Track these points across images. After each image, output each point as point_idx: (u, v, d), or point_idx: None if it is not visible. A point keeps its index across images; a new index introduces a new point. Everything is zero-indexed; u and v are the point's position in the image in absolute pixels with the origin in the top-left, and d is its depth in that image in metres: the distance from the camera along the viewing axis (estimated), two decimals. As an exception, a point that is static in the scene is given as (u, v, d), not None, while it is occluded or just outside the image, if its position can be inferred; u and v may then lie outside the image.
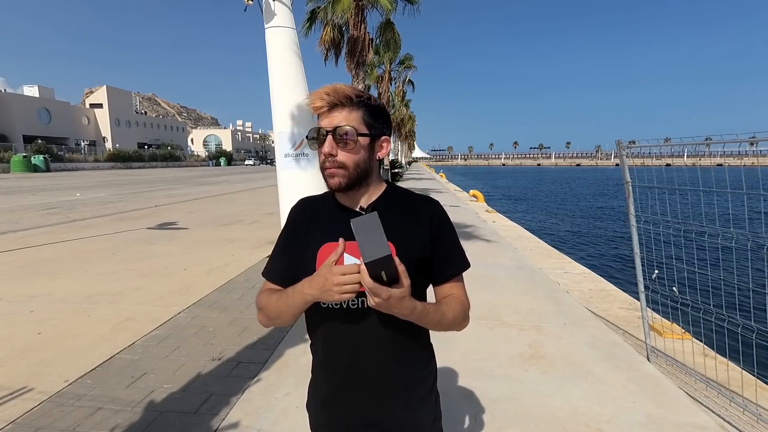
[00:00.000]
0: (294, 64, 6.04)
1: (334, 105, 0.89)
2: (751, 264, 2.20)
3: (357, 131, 0.89)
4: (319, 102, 0.88)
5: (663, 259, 2.75)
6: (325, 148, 0.89)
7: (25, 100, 49.82)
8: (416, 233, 0.95)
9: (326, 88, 0.88)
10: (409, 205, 0.98)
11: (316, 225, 0.97)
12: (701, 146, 2.61)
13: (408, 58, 23.84)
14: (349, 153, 0.90)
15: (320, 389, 1.00)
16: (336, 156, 0.89)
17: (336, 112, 0.89)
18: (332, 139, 0.88)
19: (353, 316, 0.92)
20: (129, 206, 11.82)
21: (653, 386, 2.58)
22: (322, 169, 0.93)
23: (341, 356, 0.94)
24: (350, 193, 0.94)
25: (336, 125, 0.88)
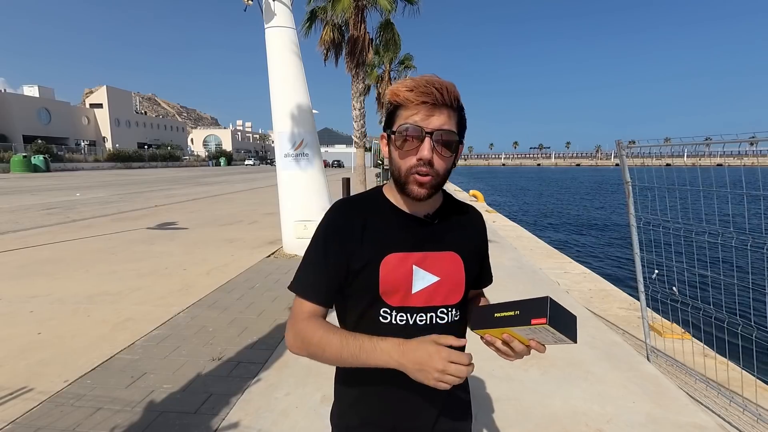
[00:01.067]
0: (294, 64, 6.04)
1: (441, 104, 0.77)
2: (751, 264, 2.20)
3: (458, 137, 0.80)
4: (424, 96, 0.76)
5: (663, 259, 2.75)
6: (425, 153, 0.76)
7: (25, 100, 49.79)
8: (477, 241, 0.94)
9: (433, 81, 0.76)
10: (465, 214, 0.95)
11: (373, 232, 0.84)
12: (701, 146, 2.61)
13: (408, 58, 23.82)
14: (445, 160, 0.80)
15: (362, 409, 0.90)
16: (433, 162, 0.78)
17: (439, 112, 0.77)
18: (431, 142, 0.77)
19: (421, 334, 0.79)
20: (129, 206, 11.82)
21: (653, 386, 2.58)
22: (406, 173, 0.80)
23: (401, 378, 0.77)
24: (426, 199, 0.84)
25: (439, 127, 0.77)
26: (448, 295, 0.85)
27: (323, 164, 6.71)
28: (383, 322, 0.84)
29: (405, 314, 0.84)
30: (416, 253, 0.83)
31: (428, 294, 0.84)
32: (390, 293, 0.83)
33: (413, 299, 0.83)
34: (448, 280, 0.85)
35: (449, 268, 0.86)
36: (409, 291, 0.83)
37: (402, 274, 0.82)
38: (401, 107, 0.80)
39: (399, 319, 0.84)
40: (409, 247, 0.83)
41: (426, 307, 0.84)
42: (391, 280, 0.82)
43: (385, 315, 0.84)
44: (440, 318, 0.86)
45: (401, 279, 0.82)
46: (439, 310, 0.85)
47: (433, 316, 0.85)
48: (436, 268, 0.84)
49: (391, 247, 0.83)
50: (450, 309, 0.86)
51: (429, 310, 0.84)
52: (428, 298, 0.84)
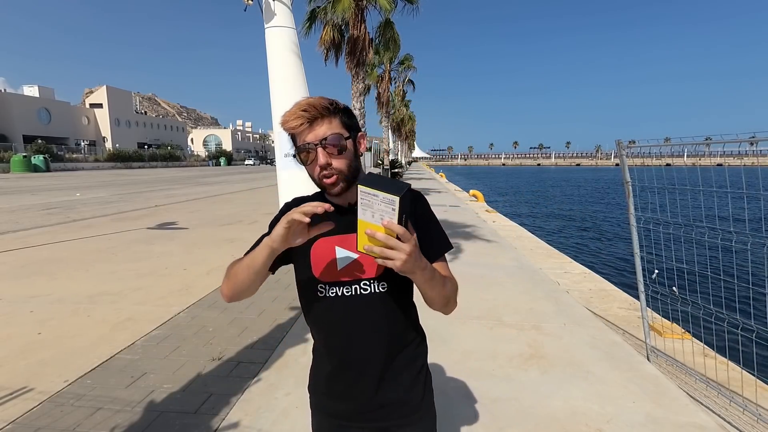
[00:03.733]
0: (294, 64, 6.04)
1: (314, 118, 0.92)
2: (751, 264, 2.20)
3: (343, 136, 0.94)
4: (298, 120, 0.91)
5: (663, 259, 2.76)
6: (321, 161, 0.92)
7: (25, 100, 49.83)
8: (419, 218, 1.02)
9: (301, 105, 0.91)
10: None
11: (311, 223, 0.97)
12: (701, 146, 2.62)
13: (408, 58, 23.85)
14: (342, 158, 0.94)
15: (321, 371, 1.08)
16: (332, 165, 0.93)
17: (317, 124, 0.92)
18: (323, 150, 0.92)
19: (349, 303, 0.98)
20: (129, 206, 11.82)
21: (653, 386, 2.58)
22: (318, 180, 0.96)
23: (339, 341, 1.01)
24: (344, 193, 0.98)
25: (323, 136, 0.92)
26: (367, 268, 0.98)
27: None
28: (320, 295, 1.00)
29: (335, 288, 0.99)
30: (339, 236, 0.98)
31: (350, 269, 0.98)
32: (320, 271, 0.99)
33: (340, 274, 0.98)
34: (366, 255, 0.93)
35: None
36: (335, 268, 0.98)
37: (327, 254, 0.99)
38: (294, 135, 0.95)
39: (331, 293, 0.99)
40: (332, 233, 0.96)
41: (351, 281, 0.98)
42: (320, 260, 0.99)
43: (321, 290, 1.00)
44: (363, 289, 0.98)
45: (327, 258, 0.99)
46: (362, 282, 0.98)
47: (357, 287, 0.98)
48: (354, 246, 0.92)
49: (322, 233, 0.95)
50: (372, 281, 0.98)
51: (353, 282, 0.98)
52: (350, 273, 0.98)
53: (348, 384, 1.03)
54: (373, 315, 0.99)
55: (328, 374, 1.05)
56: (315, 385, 1.12)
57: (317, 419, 1.13)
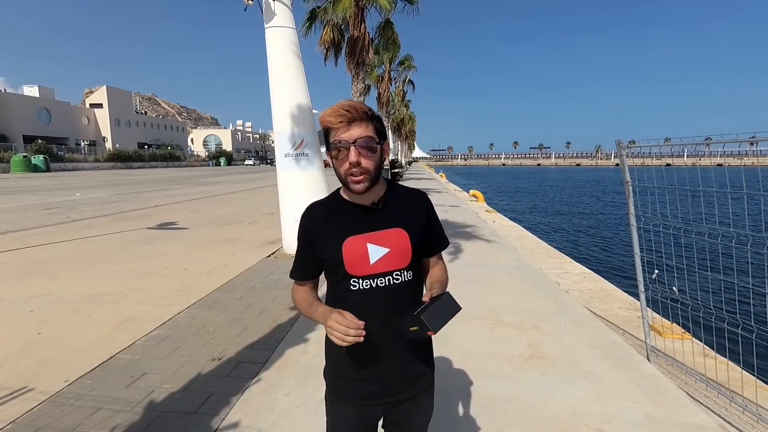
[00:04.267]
0: (294, 64, 6.04)
1: (353, 120, 1.02)
2: (751, 264, 2.20)
3: (375, 140, 1.05)
4: (338, 118, 1.01)
5: (663, 259, 2.75)
6: (352, 158, 1.02)
7: (25, 100, 49.79)
8: (421, 220, 1.17)
9: (344, 105, 1.01)
10: (409, 198, 1.20)
11: (333, 223, 1.13)
12: (701, 146, 2.61)
13: (408, 58, 23.85)
14: (371, 160, 1.04)
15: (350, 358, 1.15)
16: (361, 164, 1.03)
17: (355, 126, 1.02)
18: (355, 149, 1.02)
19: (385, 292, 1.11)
20: (129, 206, 11.82)
21: (653, 386, 2.58)
22: (345, 176, 1.05)
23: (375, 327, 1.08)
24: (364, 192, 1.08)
25: (358, 137, 1.02)
26: (398, 260, 1.11)
27: (323, 164, 6.70)
28: (353, 288, 1.11)
29: (368, 280, 1.10)
30: (368, 233, 1.10)
31: (383, 262, 1.10)
32: (354, 267, 1.09)
33: (373, 268, 1.09)
34: (397, 249, 1.11)
35: (396, 240, 1.11)
36: (368, 262, 1.09)
37: (360, 251, 1.09)
38: (330, 129, 1.04)
39: (364, 285, 1.10)
40: (363, 230, 1.10)
41: (383, 273, 1.10)
42: (352, 257, 1.09)
43: (354, 284, 1.11)
44: (395, 279, 1.11)
45: (360, 255, 1.09)
46: (394, 273, 1.11)
47: (390, 278, 1.11)
48: (386, 241, 1.10)
49: (349, 232, 1.10)
50: (402, 271, 1.12)
51: (386, 274, 1.10)
52: (384, 265, 1.10)
53: (383, 364, 1.13)
54: (404, 299, 1.12)
55: (361, 359, 1.14)
56: (339, 371, 1.18)
57: (338, 408, 1.19)
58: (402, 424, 1.22)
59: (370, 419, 1.19)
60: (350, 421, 1.17)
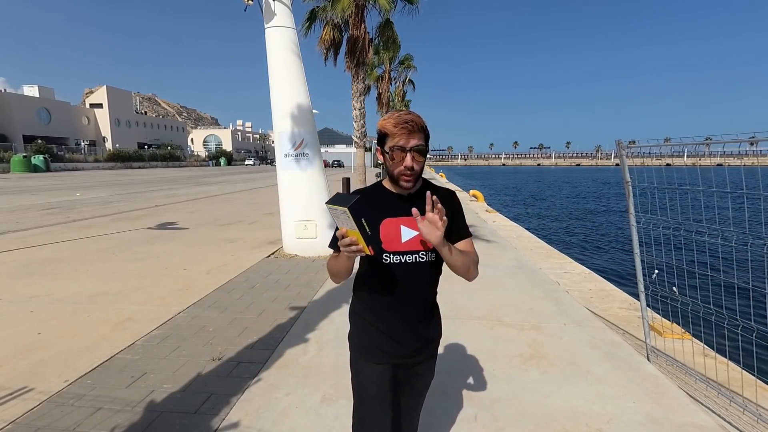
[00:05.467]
0: (294, 63, 6.04)
1: (413, 131, 1.22)
2: (751, 264, 2.20)
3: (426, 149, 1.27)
4: (402, 128, 1.21)
5: (663, 259, 2.75)
6: (408, 162, 1.24)
7: (25, 100, 49.78)
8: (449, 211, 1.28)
9: (406, 117, 1.22)
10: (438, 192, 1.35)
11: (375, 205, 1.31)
12: (701, 146, 2.62)
13: (408, 58, 23.81)
14: (420, 163, 1.26)
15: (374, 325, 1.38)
16: (414, 168, 1.25)
17: (415, 135, 1.23)
18: (411, 155, 1.23)
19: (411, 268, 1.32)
20: (129, 206, 11.82)
21: (653, 386, 2.58)
22: (398, 175, 1.26)
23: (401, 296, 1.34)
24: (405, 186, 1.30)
25: (415, 145, 1.23)
26: (425, 243, 1.29)
27: (323, 164, 6.70)
28: (385, 262, 1.32)
29: (399, 256, 1.31)
30: (403, 218, 1.30)
31: (412, 242, 1.31)
32: (388, 243, 1.30)
33: (403, 246, 1.31)
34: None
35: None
36: (400, 241, 1.31)
37: (394, 230, 1.31)
38: (389, 135, 1.25)
39: (395, 260, 1.32)
40: (399, 214, 1.31)
41: (411, 251, 1.32)
42: (387, 235, 1.30)
43: (386, 258, 1.32)
44: (421, 258, 1.32)
45: (394, 234, 1.31)
46: (420, 252, 1.32)
47: (416, 256, 1.32)
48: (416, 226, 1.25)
49: (387, 214, 1.32)
50: (427, 252, 1.32)
51: (413, 252, 1.32)
52: (413, 245, 1.31)
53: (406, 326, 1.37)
54: (426, 275, 1.36)
55: (387, 325, 1.37)
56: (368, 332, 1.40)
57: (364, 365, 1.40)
58: (410, 384, 1.45)
59: (388, 375, 1.38)
60: (374, 377, 1.37)
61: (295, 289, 4.48)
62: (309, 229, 6.04)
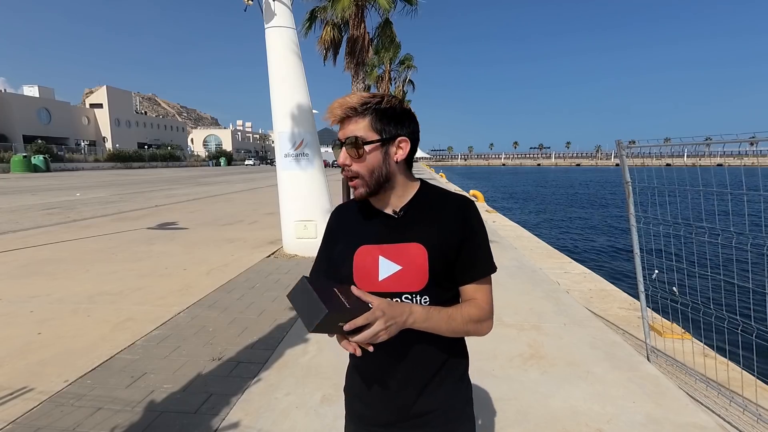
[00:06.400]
0: (294, 63, 6.04)
1: (345, 117, 0.91)
2: (751, 264, 2.20)
3: (363, 140, 0.90)
4: (331, 117, 0.92)
5: (663, 259, 2.75)
6: (339, 159, 0.93)
7: (25, 100, 49.82)
8: (450, 235, 0.94)
9: (336, 102, 0.91)
10: (442, 205, 0.98)
11: (351, 228, 1.02)
12: (701, 146, 2.62)
13: (408, 58, 23.83)
14: (361, 162, 0.92)
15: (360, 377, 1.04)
16: (350, 166, 0.92)
17: (345, 123, 0.92)
18: (345, 150, 0.92)
19: None
20: (129, 206, 11.82)
21: (653, 386, 2.58)
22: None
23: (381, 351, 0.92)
24: (378, 197, 0.97)
25: (345, 136, 0.91)
26: (411, 282, 0.93)
27: (323, 164, 6.70)
28: None
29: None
30: (383, 245, 0.95)
31: (393, 281, 0.93)
32: (361, 279, 0.95)
33: (380, 285, 0.94)
34: (411, 268, 0.93)
35: (412, 258, 0.93)
36: (377, 278, 0.94)
37: (370, 263, 0.95)
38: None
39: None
40: (377, 240, 0.96)
41: (392, 293, 0.93)
42: (361, 267, 0.96)
43: None
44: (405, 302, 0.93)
45: (369, 267, 0.95)
46: (403, 296, 0.94)
47: (399, 300, 0.93)
48: (400, 257, 0.94)
49: (362, 239, 0.97)
50: (414, 295, 0.94)
51: (394, 295, 0.93)
52: (393, 285, 0.93)
53: (389, 392, 0.99)
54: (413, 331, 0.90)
55: (368, 381, 1.02)
56: (351, 388, 1.09)
57: (352, 427, 1.09)
58: None
59: None
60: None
61: (295, 289, 4.48)
62: (309, 229, 6.04)
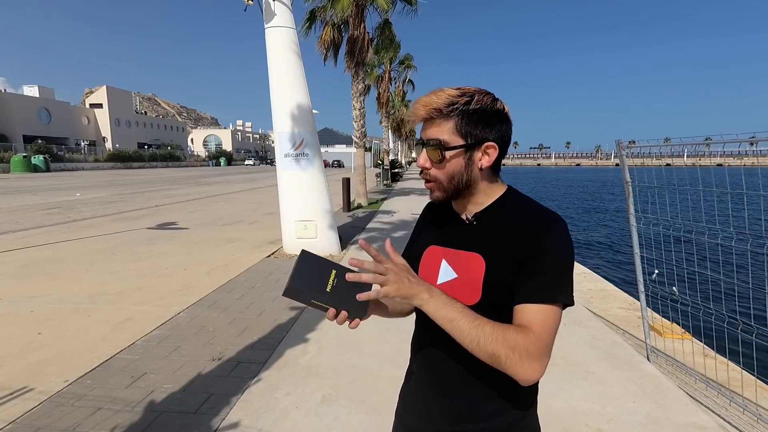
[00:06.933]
0: (294, 64, 6.04)
1: (428, 118, 0.85)
2: (751, 264, 2.20)
3: (446, 145, 0.83)
4: (414, 117, 0.86)
5: (663, 259, 2.75)
6: (419, 161, 0.87)
7: (25, 100, 49.79)
8: (509, 250, 0.83)
9: (420, 101, 0.84)
10: (519, 218, 0.86)
11: (429, 226, 1.01)
12: (701, 146, 2.62)
13: (408, 58, 23.83)
14: (440, 167, 0.85)
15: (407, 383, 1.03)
16: (429, 169, 0.86)
17: (428, 124, 0.85)
18: (426, 152, 0.85)
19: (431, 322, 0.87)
20: (129, 206, 11.82)
21: (653, 386, 2.58)
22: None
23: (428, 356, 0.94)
24: (457, 201, 0.91)
25: (427, 139, 0.85)
26: (464, 293, 0.85)
27: (323, 164, 6.71)
28: None
29: None
30: (448, 249, 0.91)
31: (447, 288, 0.86)
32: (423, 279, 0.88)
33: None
34: (465, 279, 0.87)
35: (469, 269, 0.86)
36: (435, 281, 0.89)
37: (433, 264, 0.92)
38: None
39: None
40: (444, 242, 0.92)
41: None
42: (426, 267, 0.93)
43: None
44: None
45: (432, 269, 0.92)
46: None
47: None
48: (458, 265, 0.88)
49: (434, 239, 0.95)
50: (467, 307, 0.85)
51: None
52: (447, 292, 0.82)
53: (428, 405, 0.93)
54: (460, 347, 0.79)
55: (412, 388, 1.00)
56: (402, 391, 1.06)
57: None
58: None
59: None
60: None
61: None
62: (309, 229, 6.04)
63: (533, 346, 0.76)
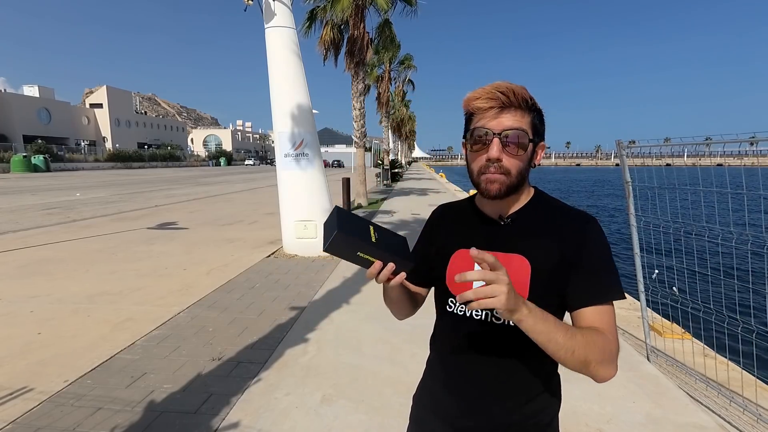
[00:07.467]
0: (294, 64, 6.04)
1: (508, 106, 0.80)
2: (751, 264, 2.20)
3: (528, 136, 0.82)
4: (490, 102, 0.80)
5: (663, 259, 2.75)
6: (493, 152, 0.80)
7: (25, 100, 49.79)
8: (563, 253, 0.83)
9: (500, 87, 0.80)
10: (558, 218, 0.88)
11: (452, 229, 0.97)
12: (701, 146, 2.62)
13: (408, 58, 23.82)
14: (516, 159, 0.82)
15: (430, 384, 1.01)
16: (502, 161, 0.81)
17: (507, 113, 0.80)
18: (499, 142, 0.80)
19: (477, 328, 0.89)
20: (129, 206, 11.82)
21: (653, 386, 2.58)
22: (478, 173, 0.84)
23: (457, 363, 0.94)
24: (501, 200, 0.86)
25: (507, 128, 0.80)
26: None
27: (323, 164, 6.71)
28: (448, 310, 0.94)
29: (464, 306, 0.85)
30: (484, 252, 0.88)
31: None
32: (454, 284, 0.89)
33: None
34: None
35: (512, 271, 0.82)
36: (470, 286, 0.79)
37: (465, 269, 0.87)
38: (474, 114, 0.84)
39: (459, 310, 0.91)
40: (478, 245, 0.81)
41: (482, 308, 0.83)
42: (456, 272, 0.87)
43: (450, 304, 0.93)
44: (496, 318, 0.87)
45: None
46: (495, 311, 0.82)
47: (489, 314, 0.88)
48: None
49: (462, 243, 0.91)
50: None
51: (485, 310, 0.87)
52: None
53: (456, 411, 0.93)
54: (504, 342, 0.86)
55: (437, 392, 0.98)
56: (420, 397, 1.04)
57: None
58: None
59: None
60: None
61: (295, 289, 4.48)
62: (309, 229, 6.04)
63: (614, 346, 0.79)
